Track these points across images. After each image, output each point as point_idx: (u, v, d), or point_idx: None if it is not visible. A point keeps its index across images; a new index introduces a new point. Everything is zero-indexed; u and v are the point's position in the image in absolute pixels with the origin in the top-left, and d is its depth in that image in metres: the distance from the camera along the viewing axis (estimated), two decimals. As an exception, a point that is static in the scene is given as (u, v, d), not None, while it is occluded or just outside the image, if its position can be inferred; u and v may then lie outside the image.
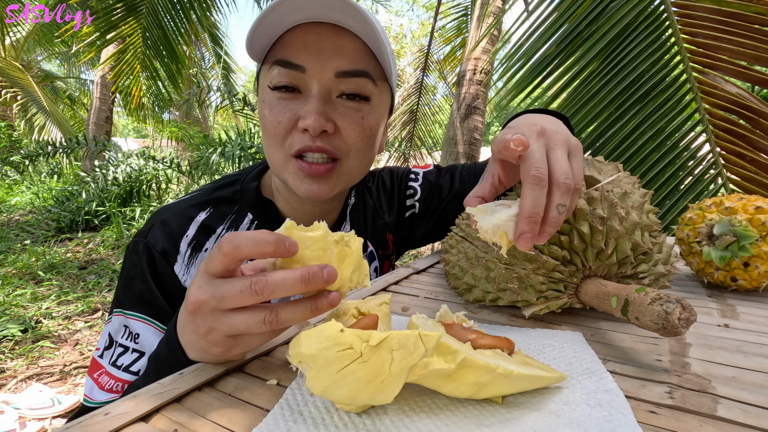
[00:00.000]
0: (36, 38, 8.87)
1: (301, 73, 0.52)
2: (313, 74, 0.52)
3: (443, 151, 3.22)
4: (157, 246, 0.57)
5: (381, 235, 0.75)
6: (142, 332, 0.53)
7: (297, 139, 0.53)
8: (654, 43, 1.37)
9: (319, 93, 0.52)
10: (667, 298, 0.32)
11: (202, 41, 7.62)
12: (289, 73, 0.52)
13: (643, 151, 1.35)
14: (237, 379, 0.34)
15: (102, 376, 0.52)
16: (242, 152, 4.15)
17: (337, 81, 0.52)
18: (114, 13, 3.62)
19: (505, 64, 1.67)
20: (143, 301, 0.55)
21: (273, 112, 0.53)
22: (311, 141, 0.52)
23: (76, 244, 4.08)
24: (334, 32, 0.52)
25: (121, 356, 0.53)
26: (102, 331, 0.55)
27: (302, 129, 0.52)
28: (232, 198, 0.63)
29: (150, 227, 0.58)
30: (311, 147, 0.53)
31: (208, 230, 0.60)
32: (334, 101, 0.54)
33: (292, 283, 0.30)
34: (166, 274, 0.56)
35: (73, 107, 11.43)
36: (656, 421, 0.27)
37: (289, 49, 0.52)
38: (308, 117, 0.51)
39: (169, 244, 0.57)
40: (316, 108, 0.51)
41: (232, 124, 10.54)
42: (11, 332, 2.23)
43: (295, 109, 0.53)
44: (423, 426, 0.26)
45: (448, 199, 0.77)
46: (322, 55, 0.51)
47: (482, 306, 0.50)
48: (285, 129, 0.53)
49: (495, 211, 0.35)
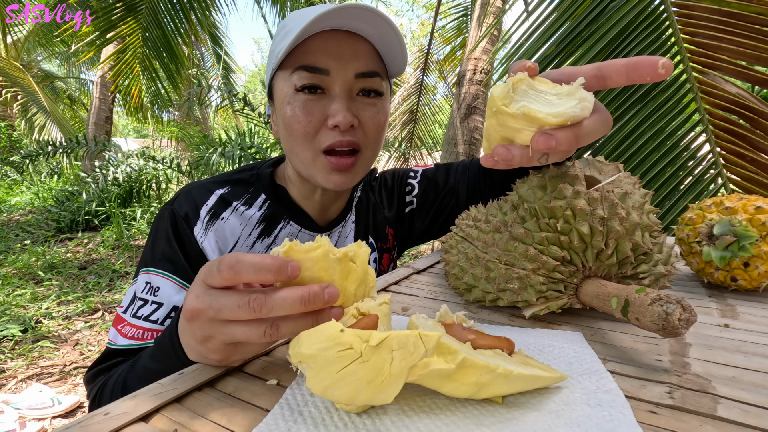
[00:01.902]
0: (36, 38, 8.87)
1: (325, 76, 0.58)
2: (336, 76, 0.58)
3: (443, 151, 3.22)
4: (180, 211, 0.64)
5: (381, 228, 0.80)
6: (162, 285, 0.59)
7: (326, 136, 0.59)
8: (654, 43, 1.37)
9: (344, 93, 0.58)
10: (667, 298, 0.32)
11: (202, 41, 7.63)
12: (315, 76, 0.57)
13: (643, 151, 1.35)
14: (237, 379, 0.34)
15: (124, 327, 0.58)
16: (242, 152, 4.15)
17: (356, 81, 0.59)
18: (114, 12, 3.63)
19: (505, 64, 1.67)
20: (165, 259, 0.61)
21: (303, 111, 0.58)
22: (341, 136, 0.58)
23: (76, 244, 4.08)
24: (350, 38, 0.58)
25: (141, 308, 0.59)
26: (127, 291, 0.61)
27: (332, 126, 0.58)
28: (249, 180, 0.71)
29: (176, 197, 0.67)
30: (342, 142, 0.58)
31: (225, 203, 0.67)
32: (354, 99, 0.60)
33: (291, 303, 0.30)
34: (186, 236, 0.63)
35: (73, 107, 11.43)
36: (656, 421, 0.27)
37: (312, 55, 0.57)
38: (338, 114, 0.57)
39: (191, 210, 0.65)
40: (344, 106, 0.57)
41: (232, 124, 10.54)
42: (11, 332, 2.23)
43: (322, 108, 0.58)
44: (423, 426, 0.26)
45: (443, 194, 0.80)
46: (343, 59, 0.57)
47: (482, 306, 0.50)
48: (315, 127, 0.59)
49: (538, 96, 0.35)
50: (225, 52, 7.07)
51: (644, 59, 0.34)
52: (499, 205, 0.50)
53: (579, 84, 0.35)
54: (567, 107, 0.34)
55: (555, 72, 0.40)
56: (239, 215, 0.67)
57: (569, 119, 0.34)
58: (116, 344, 0.57)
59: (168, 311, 0.59)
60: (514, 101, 0.35)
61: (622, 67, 0.36)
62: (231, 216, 0.66)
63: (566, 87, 0.35)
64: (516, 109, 0.35)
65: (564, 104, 0.34)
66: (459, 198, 0.79)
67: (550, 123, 0.34)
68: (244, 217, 0.67)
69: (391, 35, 0.58)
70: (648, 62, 0.34)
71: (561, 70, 0.39)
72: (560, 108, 0.34)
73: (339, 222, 0.74)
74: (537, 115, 0.34)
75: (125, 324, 0.58)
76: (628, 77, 0.36)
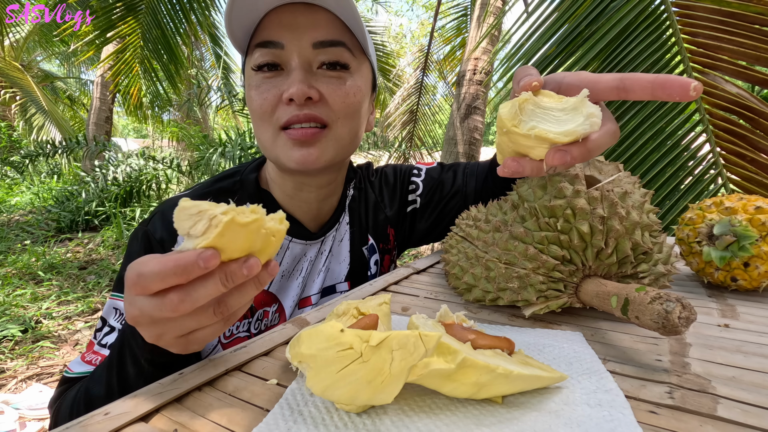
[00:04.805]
0: (36, 38, 8.87)
1: (280, 50, 0.54)
2: (291, 48, 0.53)
3: (443, 151, 3.22)
4: (156, 234, 0.59)
5: (382, 229, 0.76)
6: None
7: (283, 111, 0.54)
8: (654, 43, 1.37)
9: (300, 65, 0.54)
10: (667, 297, 0.32)
11: (202, 42, 7.62)
12: (269, 51, 0.54)
13: (643, 151, 1.35)
14: (237, 379, 0.34)
15: (88, 353, 0.54)
16: (242, 152, 4.15)
17: (315, 52, 0.54)
18: (113, 12, 3.63)
19: (505, 65, 1.67)
20: None
21: (258, 91, 0.55)
22: (298, 110, 0.53)
23: (76, 244, 4.08)
24: (308, 9, 0.54)
25: (107, 336, 0.55)
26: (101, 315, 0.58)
27: (287, 100, 0.53)
28: (232, 189, 0.65)
29: (152, 217, 0.61)
30: (299, 116, 0.54)
31: None
32: (315, 72, 0.55)
33: (214, 289, 0.29)
34: None
35: (73, 107, 11.43)
36: (656, 421, 0.27)
37: (266, 30, 0.54)
38: (291, 87, 0.52)
39: (166, 234, 0.59)
40: (297, 78, 0.53)
41: (232, 125, 10.54)
42: (11, 332, 2.23)
43: (279, 85, 0.54)
44: (423, 426, 0.26)
45: (449, 196, 0.78)
46: (299, 30, 0.53)
47: (482, 306, 0.50)
48: (271, 105, 0.55)
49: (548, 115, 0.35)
50: (225, 52, 7.06)
51: (674, 79, 0.33)
52: (499, 205, 0.50)
53: (584, 96, 0.35)
54: (576, 124, 0.34)
55: (572, 77, 0.39)
56: None
57: (580, 137, 0.34)
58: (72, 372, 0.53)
59: None
60: (523, 121, 0.36)
61: (648, 83, 0.35)
62: None
63: (572, 100, 0.35)
64: (527, 130, 0.35)
65: (572, 120, 0.35)
66: (467, 200, 0.76)
67: (562, 141, 0.34)
68: None
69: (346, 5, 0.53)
70: (679, 83, 0.33)
71: (579, 77, 0.39)
72: (570, 125, 0.35)
73: (332, 225, 0.69)
74: (549, 136, 0.35)
75: (91, 351, 0.54)
76: (653, 94, 0.35)
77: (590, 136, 0.35)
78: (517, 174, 0.38)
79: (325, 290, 0.68)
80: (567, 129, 0.34)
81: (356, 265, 0.71)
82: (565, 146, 0.35)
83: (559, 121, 0.35)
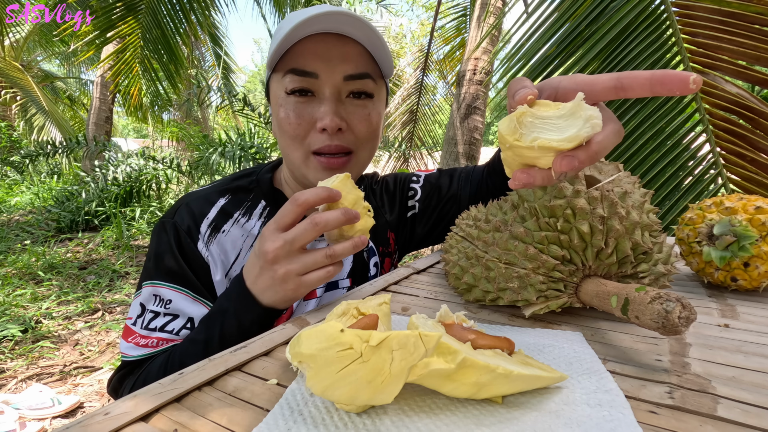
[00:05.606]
0: (36, 38, 8.87)
1: (314, 79, 0.59)
2: (325, 79, 0.59)
3: (443, 151, 3.22)
4: (183, 225, 0.64)
5: (382, 232, 0.79)
6: (174, 298, 0.60)
7: (316, 138, 0.60)
8: (654, 43, 1.37)
9: (332, 95, 0.59)
10: (667, 296, 0.32)
11: (202, 42, 7.62)
12: (304, 79, 0.59)
13: (643, 151, 1.35)
14: (237, 379, 0.34)
15: (135, 338, 0.59)
16: (242, 152, 4.15)
17: (345, 83, 0.60)
18: (113, 12, 3.63)
19: (505, 65, 1.67)
20: (173, 273, 0.61)
21: (293, 114, 0.60)
22: (329, 140, 0.60)
23: (76, 244, 4.08)
24: (340, 41, 0.59)
25: (153, 320, 0.59)
26: (132, 303, 0.62)
27: (320, 129, 0.59)
28: (248, 187, 0.71)
29: (177, 209, 0.66)
30: (330, 147, 0.60)
31: (226, 214, 0.67)
32: (343, 101, 0.61)
33: (337, 216, 0.43)
34: (191, 250, 0.63)
35: (73, 107, 11.43)
36: (656, 421, 0.27)
37: (301, 58, 0.58)
38: (325, 118, 0.58)
39: (192, 224, 0.64)
40: (331, 109, 0.59)
41: (232, 124, 10.54)
42: (11, 332, 2.23)
43: (311, 111, 0.60)
44: (423, 426, 0.26)
45: (445, 200, 0.81)
46: (332, 62, 0.58)
47: (482, 306, 0.50)
48: (305, 130, 0.60)
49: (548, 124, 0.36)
50: (225, 52, 7.06)
51: (673, 73, 0.33)
52: (499, 205, 0.50)
53: (579, 99, 0.35)
54: (577, 129, 0.34)
55: (568, 81, 0.39)
56: (240, 227, 0.66)
57: (583, 140, 0.34)
58: (131, 356, 0.58)
59: (184, 323, 0.59)
60: (524, 134, 0.36)
61: (646, 80, 0.35)
62: (232, 228, 0.66)
63: (568, 105, 0.35)
64: (529, 142, 0.35)
65: (573, 125, 0.34)
66: (461, 205, 0.79)
67: (566, 148, 0.34)
68: (245, 229, 0.66)
69: (375, 38, 0.59)
70: (678, 77, 0.33)
71: (575, 81, 0.39)
72: (571, 131, 0.34)
73: None
74: (552, 145, 0.34)
75: (136, 336, 0.58)
76: (652, 90, 0.35)
77: (594, 138, 0.35)
78: (528, 185, 0.38)
79: (329, 285, 0.72)
80: (569, 135, 0.34)
81: (357, 265, 0.74)
82: (570, 151, 0.34)
83: (559, 129, 0.35)
